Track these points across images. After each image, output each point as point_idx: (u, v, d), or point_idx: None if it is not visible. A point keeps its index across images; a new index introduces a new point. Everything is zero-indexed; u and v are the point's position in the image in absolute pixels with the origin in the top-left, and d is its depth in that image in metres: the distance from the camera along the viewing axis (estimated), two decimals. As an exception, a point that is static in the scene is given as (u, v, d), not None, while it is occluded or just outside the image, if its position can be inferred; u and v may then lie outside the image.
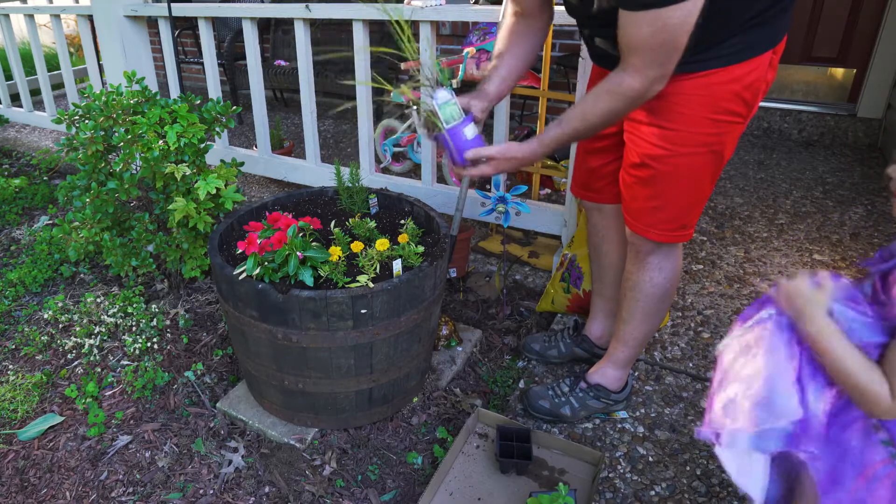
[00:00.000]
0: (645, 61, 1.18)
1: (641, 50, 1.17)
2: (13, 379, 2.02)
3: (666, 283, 1.56)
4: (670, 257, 1.54)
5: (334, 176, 1.99)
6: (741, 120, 1.34)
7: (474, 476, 1.59)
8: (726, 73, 1.27)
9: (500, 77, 1.52)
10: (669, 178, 1.39)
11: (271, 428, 1.77)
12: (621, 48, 1.21)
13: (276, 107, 5.01)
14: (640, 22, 1.14)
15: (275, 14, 2.78)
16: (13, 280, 2.52)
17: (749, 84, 1.29)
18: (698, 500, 1.51)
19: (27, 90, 4.24)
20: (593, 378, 1.74)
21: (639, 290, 1.58)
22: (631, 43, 1.18)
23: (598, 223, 1.78)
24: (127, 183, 1.99)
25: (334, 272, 1.56)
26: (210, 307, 2.36)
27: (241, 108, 2.35)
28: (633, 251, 1.56)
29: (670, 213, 1.44)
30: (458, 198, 2.11)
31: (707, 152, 1.35)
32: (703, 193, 1.43)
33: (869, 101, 3.74)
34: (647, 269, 1.55)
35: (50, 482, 1.67)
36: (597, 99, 1.27)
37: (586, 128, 1.32)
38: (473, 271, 2.56)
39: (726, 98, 1.29)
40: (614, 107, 1.26)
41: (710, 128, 1.32)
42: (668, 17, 1.11)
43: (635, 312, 1.61)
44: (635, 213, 1.49)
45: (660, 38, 1.14)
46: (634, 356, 1.71)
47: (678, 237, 1.48)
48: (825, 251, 2.58)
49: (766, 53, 1.28)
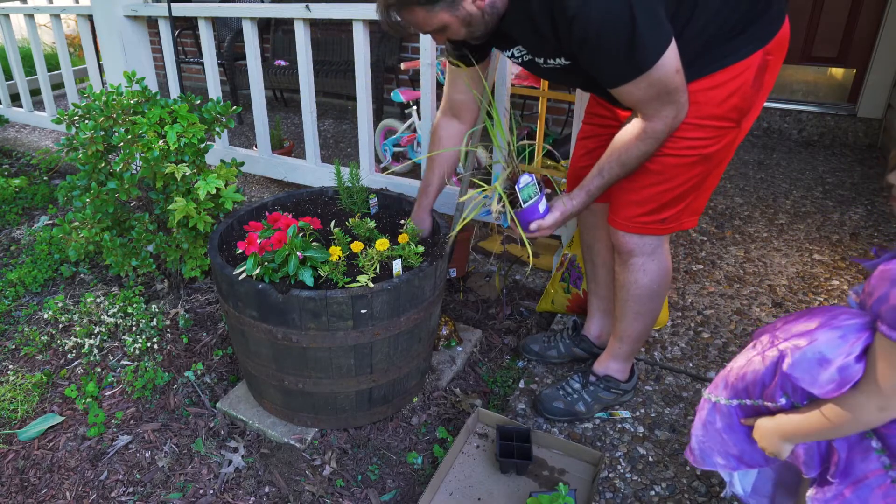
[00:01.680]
0: (655, 109, 1.26)
1: (645, 104, 1.26)
2: (13, 379, 2.02)
3: (652, 284, 1.57)
4: (655, 258, 1.55)
5: (334, 176, 1.99)
6: (732, 125, 1.35)
7: (474, 476, 1.59)
8: (709, 81, 1.30)
9: (435, 190, 1.79)
10: (655, 175, 1.42)
11: (271, 428, 1.77)
12: (628, 105, 1.30)
13: (276, 107, 5.01)
14: (630, 91, 1.24)
15: (275, 14, 2.78)
16: (13, 280, 2.52)
17: (736, 89, 1.30)
18: (698, 500, 1.51)
19: (27, 90, 4.24)
20: (600, 370, 1.76)
21: (626, 291, 1.61)
22: (633, 103, 1.28)
23: (589, 222, 1.80)
24: (127, 183, 1.99)
25: (334, 272, 1.56)
26: (210, 307, 2.36)
27: (241, 108, 2.35)
28: (617, 250, 1.59)
29: (648, 205, 1.47)
30: (458, 198, 2.11)
31: (695, 156, 1.38)
32: (692, 192, 1.45)
33: (869, 101, 3.74)
34: (631, 271, 1.57)
35: (50, 482, 1.67)
36: (628, 146, 1.33)
37: (625, 171, 1.38)
38: (473, 271, 2.56)
39: (710, 104, 1.32)
40: (648, 149, 1.33)
41: (697, 133, 1.34)
42: (654, 76, 1.19)
43: (627, 311, 1.64)
44: (617, 206, 1.52)
45: (654, 90, 1.22)
46: (634, 351, 1.73)
47: (653, 229, 1.50)
48: (825, 251, 2.58)
49: (752, 56, 1.29)
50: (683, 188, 1.43)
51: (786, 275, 2.43)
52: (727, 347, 2.02)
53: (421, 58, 2.35)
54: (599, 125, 1.64)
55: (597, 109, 1.65)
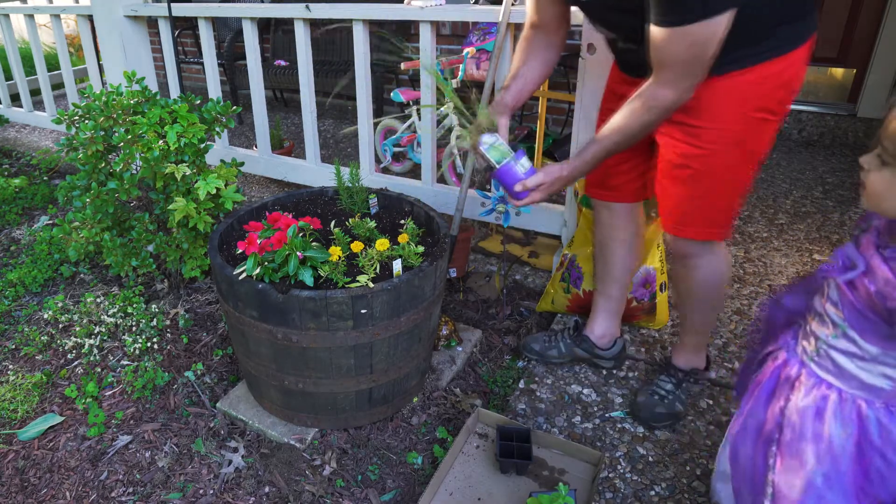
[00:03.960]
0: (677, 75, 1.22)
1: (673, 65, 1.21)
2: (13, 379, 2.02)
3: (717, 278, 1.58)
4: (717, 255, 1.54)
5: (334, 176, 1.99)
6: (774, 118, 1.34)
7: (474, 476, 1.59)
8: (760, 71, 1.28)
9: (518, 89, 1.57)
10: (706, 177, 1.40)
11: (271, 428, 1.77)
12: (652, 62, 1.24)
13: (276, 107, 5.01)
14: (670, 38, 1.17)
15: (275, 14, 2.78)
16: (13, 280, 2.52)
17: (784, 81, 1.29)
18: (698, 500, 1.51)
19: (27, 90, 4.24)
20: (685, 366, 1.77)
21: (693, 290, 1.61)
22: (663, 58, 1.22)
23: (606, 221, 1.78)
24: (127, 183, 1.99)
25: (334, 272, 1.56)
26: (210, 307, 2.36)
27: (241, 108, 2.35)
28: (677, 254, 1.57)
29: (708, 212, 1.45)
30: (458, 198, 2.11)
31: (742, 151, 1.36)
32: (739, 191, 1.44)
33: (869, 101, 3.74)
34: (695, 271, 1.56)
35: (50, 482, 1.67)
36: (632, 113, 1.31)
37: (625, 140, 1.35)
38: (473, 271, 2.56)
39: (759, 96, 1.30)
40: (651, 118, 1.30)
41: (743, 125, 1.33)
42: (699, 34, 1.14)
43: (694, 306, 1.65)
44: (673, 213, 1.50)
45: (691, 52, 1.17)
46: (706, 339, 1.76)
47: (717, 234, 1.49)
48: (825, 251, 2.58)
49: (800, 49, 1.28)
50: (735, 187, 1.42)
51: (786, 275, 2.43)
52: (727, 347, 2.02)
53: (421, 57, 2.35)
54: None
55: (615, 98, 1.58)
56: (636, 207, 1.76)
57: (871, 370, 0.92)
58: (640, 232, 1.81)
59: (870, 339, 0.90)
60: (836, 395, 0.95)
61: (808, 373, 0.99)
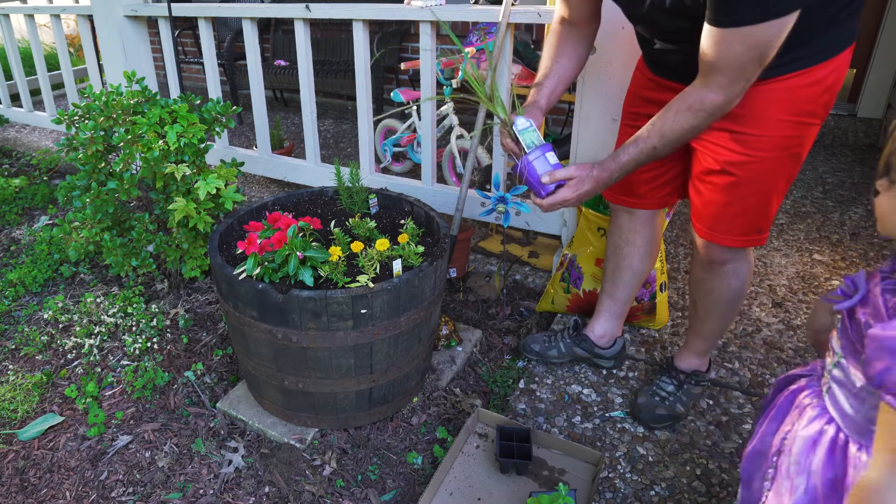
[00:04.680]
0: (730, 78, 1.16)
1: (729, 68, 1.14)
2: (13, 379, 2.02)
3: (742, 285, 1.57)
4: (746, 260, 1.53)
5: (334, 176, 1.99)
6: (819, 121, 1.31)
7: (474, 476, 1.59)
8: (808, 76, 1.25)
9: (552, 87, 1.53)
10: (749, 183, 1.36)
11: (271, 428, 1.77)
12: (703, 64, 1.18)
13: (276, 107, 5.01)
14: (730, 39, 1.10)
15: (275, 14, 2.78)
16: (13, 280, 2.52)
17: (830, 85, 1.27)
18: (698, 500, 1.51)
19: (27, 90, 4.24)
20: (687, 368, 1.77)
21: (716, 296, 1.59)
22: (717, 60, 1.14)
23: (624, 226, 1.75)
24: (127, 183, 1.99)
25: (334, 272, 1.56)
26: (210, 307, 2.36)
27: (241, 108, 2.35)
28: (706, 260, 1.54)
29: (748, 219, 1.42)
30: (458, 198, 2.11)
31: (787, 156, 1.33)
32: (779, 196, 1.41)
33: (869, 101, 3.74)
34: (724, 277, 1.54)
35: (50, 482, 1.67)
36: (677, 116, 1.25)
37: (665, 145, 1.30)
38: (473, 271, 2.56)
39: (807, 100, 1.27)
40: (696, 123, 1.25)
41: (790, 130, 1.30)
42: (762, 35, 1.08)
43: (712, 313, 1.63)
44: (710, 220, 1.47)
45: (749, 55, 1.11)
46: (714, 346, 1.76)
47: (754, 241, 1.46)
48: (825, 251, 2.58)
49: (845, 52, 1.25)
50: (775, 192, 1.39)
51: (786, 275, 2.43)
52: (727, 347, 2.02)
53: (421, 57, 2.35)
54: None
55: (642, 102, 1.53)
56: (658, 213, 1.73)
57: (858, 407, 0.89)
58: (656, 238, 1.78)
59: (857, 370, 0.88)
60: (833, 430, 0.93)
61: (818, 404, 0.97)
